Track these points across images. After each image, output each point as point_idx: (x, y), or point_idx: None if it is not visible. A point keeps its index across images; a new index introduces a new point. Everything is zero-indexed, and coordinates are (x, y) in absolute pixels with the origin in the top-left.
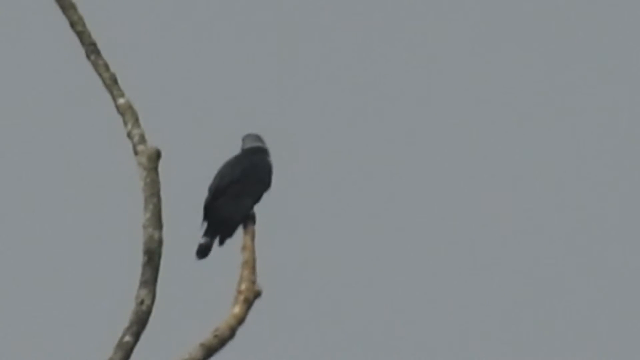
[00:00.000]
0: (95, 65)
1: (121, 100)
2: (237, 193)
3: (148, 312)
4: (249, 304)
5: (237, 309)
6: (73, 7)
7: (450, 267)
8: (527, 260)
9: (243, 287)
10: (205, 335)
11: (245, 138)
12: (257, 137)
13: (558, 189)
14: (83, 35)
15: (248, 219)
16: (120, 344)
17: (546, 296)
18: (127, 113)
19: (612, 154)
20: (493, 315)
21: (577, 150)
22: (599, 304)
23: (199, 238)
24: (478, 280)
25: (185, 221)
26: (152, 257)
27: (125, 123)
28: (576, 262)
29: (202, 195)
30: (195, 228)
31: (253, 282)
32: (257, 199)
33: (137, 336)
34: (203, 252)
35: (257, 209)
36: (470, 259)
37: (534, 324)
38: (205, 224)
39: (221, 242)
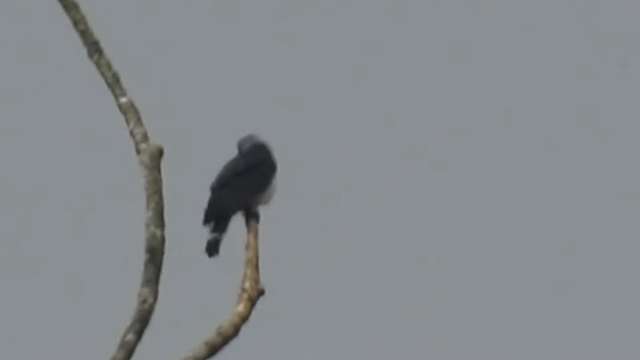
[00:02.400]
0: (97, 65)
1: (123, 100)
2: (239, 186)
3: (150, 311)
4: (252, 302)
5: (240, 307)
6: (75, 6)
7: (450, 265)
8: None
9: (246, 285)
10: (209, 333)
11: (242, 141)
12: (255, 138)
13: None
14: (85, 35)
15: (251, 217)
16: (122, 343)
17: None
18: (129, 112)
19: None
20: (493, 318)
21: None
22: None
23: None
24: (479, 283)
25: (188, 219)
26: (155, 255)
27: (127, 122)
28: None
29: (204, 193)
30: (197, 226)
31: (256, 281)
32: (257, 195)
33: (139, 334)
34: (213, 247)
35: (260, 207)
36: (471, 262)
37: (534, 326)
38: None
39: (212, 232)
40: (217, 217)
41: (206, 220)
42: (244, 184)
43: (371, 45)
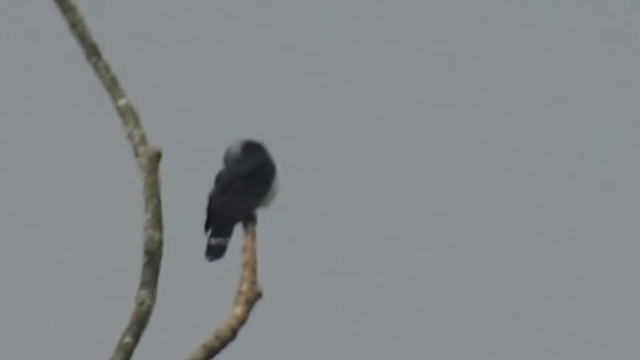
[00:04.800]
0: (95, 67)
1: (121, 102)
2: (242, 191)
3: (148, 313)
4: (249, 304)
5: (238, 310)
6: (73, 9)
7: (450, 266)
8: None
9: (244, 288)
10: (206, 336)
11: (231, 149)
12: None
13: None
14: (83, 37)
15: (249, 220)
16: (120, 345)
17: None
18: (128, 114)
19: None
20: (493, 318)
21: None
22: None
23: (208, 238)
24: (479, 284)
25: (186, 222)
26: (153, 257)
27: (125, 124)
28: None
29: (203, 196)
30: (195, 229)
31: (254, 283)
32: (260, 199)
33: (137, 337)
34: (217, 252)
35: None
36: (470, 262)
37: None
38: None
39: (215, 237)
40: (221, 222)
41: (209, 226)
42: (248, 188)
43: (372, 45)
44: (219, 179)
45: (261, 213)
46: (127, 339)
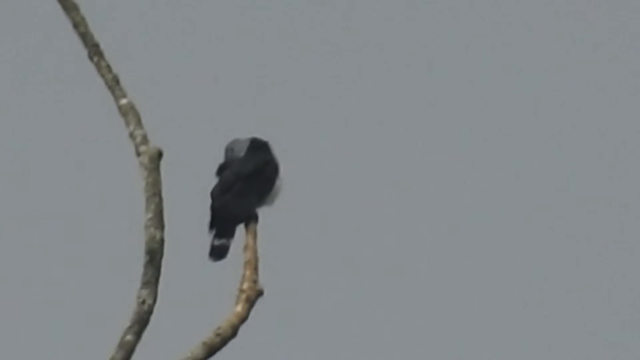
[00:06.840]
0: (98, 67)
1: (123, 101)
2: (244, 191)
3: (149, 312)
4: (250, 303)
5: (239, 308)
6: (76, 8)
7: (450, 266)
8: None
9: (245, 286)
10: (207, 334)
11: (231, 146)
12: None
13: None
14: (86, 37)
15: (250, 218)
16: (121, 343)
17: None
18: (130, 114)
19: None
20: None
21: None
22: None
23: (212, 239)
24: (479, 283)
25: (187, 221)
26: (154, 256)
27: (127, 124)
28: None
29: (204, 195)
30: (196, 228)
31: (255, 282)
32: (263, 199)
33: (138, 335)
34: (220, 253)
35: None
36: (470, 262)
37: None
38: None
39: (218, 237)
40: (224, 223)
41: (212, 227)
42: (250, 188)
43: (376, 43)
44: (221, 177)
45: (263, 211)
46: (128, 338)
